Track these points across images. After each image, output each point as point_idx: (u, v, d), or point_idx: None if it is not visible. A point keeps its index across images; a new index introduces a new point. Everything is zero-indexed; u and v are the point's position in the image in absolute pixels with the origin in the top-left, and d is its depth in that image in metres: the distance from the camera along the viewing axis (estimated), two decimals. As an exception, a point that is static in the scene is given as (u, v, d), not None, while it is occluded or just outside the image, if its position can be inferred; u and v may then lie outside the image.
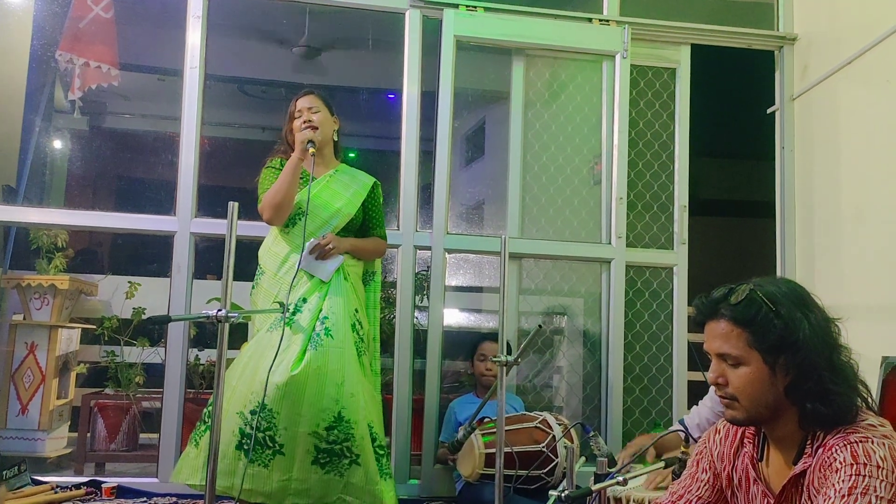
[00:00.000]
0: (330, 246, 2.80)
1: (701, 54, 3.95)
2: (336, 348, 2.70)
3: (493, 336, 3.44)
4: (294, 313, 2.74)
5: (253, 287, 2.93)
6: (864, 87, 3.37)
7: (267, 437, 2.60)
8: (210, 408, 2.71)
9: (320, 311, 2.74)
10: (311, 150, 2.80)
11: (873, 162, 3.27)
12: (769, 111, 4.02)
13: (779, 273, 3.83)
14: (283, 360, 2.64)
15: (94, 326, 4.10)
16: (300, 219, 2.83)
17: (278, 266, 2.84)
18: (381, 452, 2.76)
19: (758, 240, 4.40)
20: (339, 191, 2.95)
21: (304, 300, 2.76)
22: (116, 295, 4.21)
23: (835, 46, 3.61)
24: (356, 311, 2.84)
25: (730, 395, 1.46)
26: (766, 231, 4.02)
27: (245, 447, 2.59)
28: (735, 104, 4.50)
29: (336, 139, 3.06)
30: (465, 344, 3.82)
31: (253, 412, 2.60)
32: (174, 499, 3.20)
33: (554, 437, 2.99)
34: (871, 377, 2.54)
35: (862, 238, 3.33)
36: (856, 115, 3.43)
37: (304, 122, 2.89)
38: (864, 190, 3.34)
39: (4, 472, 3.06)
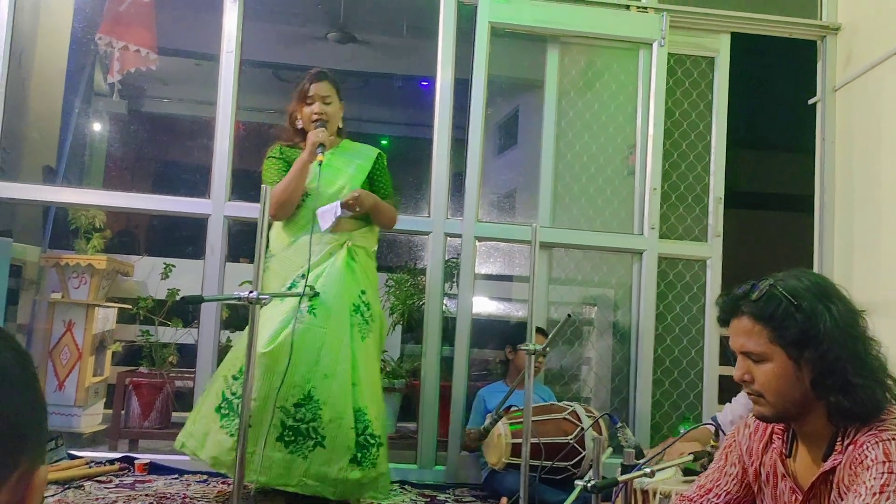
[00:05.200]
0: (356, 196, 2.72)
1: (741, 43, 3.88)
2: (317, 328, 2.64)
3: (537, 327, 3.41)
4: (290, 287, 2.69)
5: (264, 271, 2.93)
6: (911, 79, 3.28)
7: (237, 405, 2.57)
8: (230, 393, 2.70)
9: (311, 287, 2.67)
10: (320, 157, 2.70)
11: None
12: (810, 102, 3.93)
13: (816, 268, 3.75)
14: (264, 331, 2.57)
15: (130, 306, 4.17)
16: (304, 201, 2.80)
17: (286, 248, 2.83)
18: (372, 441, 2.65)
19: (795, 234, 4.31)
20: (342, 167, 2.89)
21: (303, 276, 2.66)
22: (152, 276, 4.28)
23: (880, 36, 3.51)
24: (363, 292, 2.78)
25: (756, 392, 1.45)
26: (804, 225, 3.94)
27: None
28: (775, 95, 4.41)
29: (341, 125, 2.97)
30: (494, 332, 3.82)
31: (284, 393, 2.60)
32: (205, 476, 3.26)
33: (582, 429, 2.98)
34: (911, 376, 2.48)
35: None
36: (901, 108, 3.34)
37: (316, 114, 2.81)
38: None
39: (42, 446, 3.13)
